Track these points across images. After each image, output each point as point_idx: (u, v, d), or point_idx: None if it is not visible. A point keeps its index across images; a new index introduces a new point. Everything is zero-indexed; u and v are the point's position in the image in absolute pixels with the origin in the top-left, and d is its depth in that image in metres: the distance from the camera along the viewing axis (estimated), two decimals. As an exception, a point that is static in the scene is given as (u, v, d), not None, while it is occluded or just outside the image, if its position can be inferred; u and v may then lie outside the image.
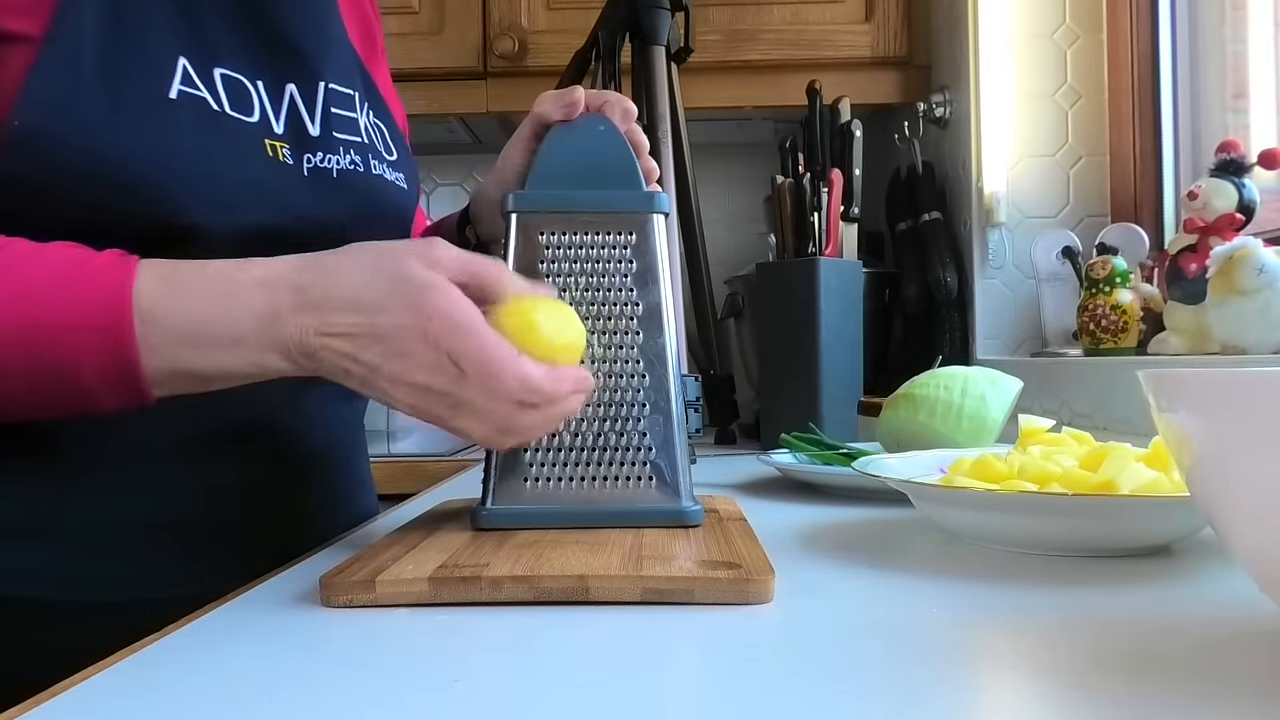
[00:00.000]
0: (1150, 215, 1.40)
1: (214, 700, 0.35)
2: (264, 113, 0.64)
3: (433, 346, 0.49)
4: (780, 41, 1.60)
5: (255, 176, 0.61)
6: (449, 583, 0.46)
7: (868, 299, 1.23)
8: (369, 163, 0.70)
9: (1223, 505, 0.36)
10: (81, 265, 0.50)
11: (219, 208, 0.58)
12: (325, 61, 0.70)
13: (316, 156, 0.66)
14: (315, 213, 0.64)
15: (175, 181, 0.56)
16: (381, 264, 0.51)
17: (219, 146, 0.59)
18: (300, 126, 0.66)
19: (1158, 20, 1.39)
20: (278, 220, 0.61)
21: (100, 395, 0.51)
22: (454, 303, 0.50)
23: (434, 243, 0.52)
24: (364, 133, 0.72)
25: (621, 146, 0.62)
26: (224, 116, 0.60)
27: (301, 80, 0.67)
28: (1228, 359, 0.97)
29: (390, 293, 0.50)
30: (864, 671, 0.36)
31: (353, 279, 0.51)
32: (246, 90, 0.63)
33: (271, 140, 0.63)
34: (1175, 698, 0.33)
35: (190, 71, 0.59)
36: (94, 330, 0.49)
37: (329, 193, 0.66)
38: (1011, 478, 0.57)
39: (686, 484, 0.59)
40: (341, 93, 0.71)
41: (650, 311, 0.60)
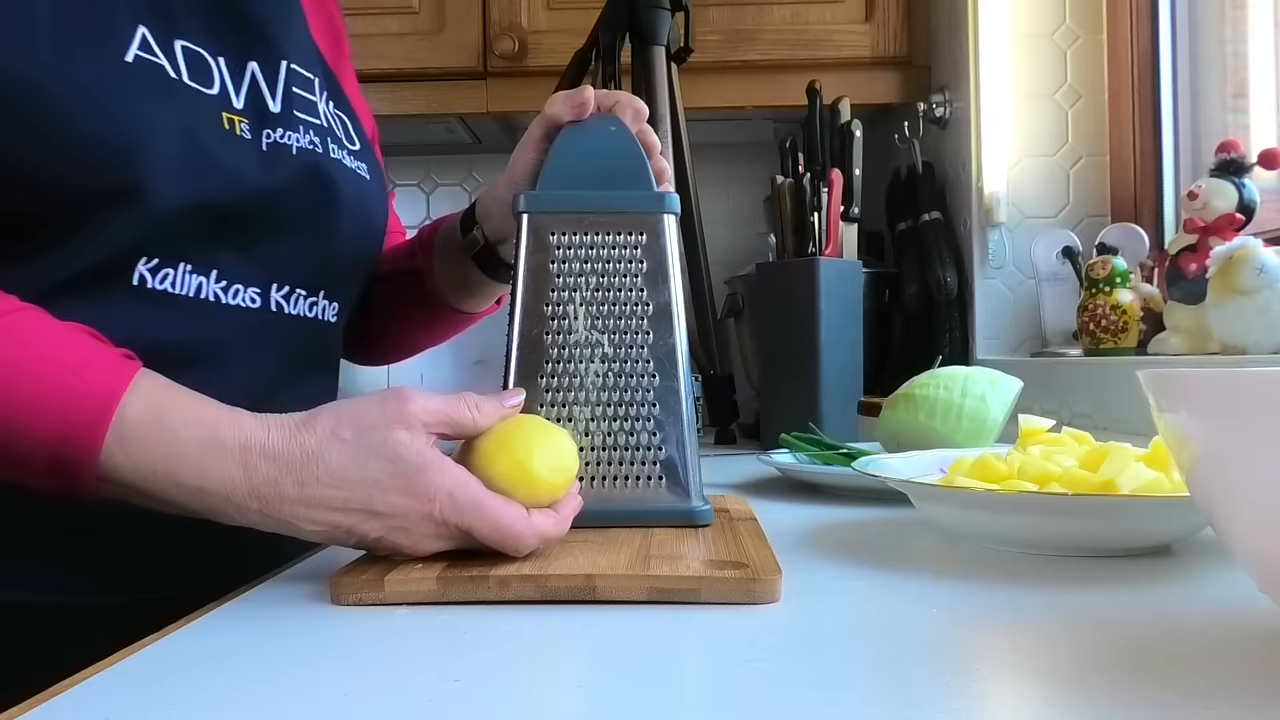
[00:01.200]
0: (1150, 215, 1.41)
1: (216, 699, 0.35)
2: (224, 86, 0.64)
3: (440, 524, 0.50)
4: (780, 41, 1.60)
5: (208, 146, 0.61)
6: (457, 581, 0.46)
7: (868, 299, 1.24)
8: (327, 145, 0.70)
9: (1223, 505, 0.36)
10: (83, 367, 0.50)
11: (168, 174, 0.58)
12: (287, 42, 0.70)
13: (276, 132, 0.66)
14: (269, 188, 0.64)
15: (124, 140, 0.56)
16: (367, 441, 0.49)
17: (172, 112, 0.59)
18: (261, 103, 0.66)
19: (1158, 20, 1.40)
20: (229, 192, 0.61)
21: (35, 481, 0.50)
22: (452, 479, 0.50)
23: (404, 397, 0.51)
24: (324, 117, 0.72)
25: (632, 147, 0.62)
26: (180, 84, 0.61)
27: (263, 59, 0.67)
28: (1228, 359, 0.97)
29: (384, 473, 0.49)
30: (867, 671, 0.36)
31: (341, 460, 0.49)
32: (207, 64, 0.63)
33: (230, 114, 0.63)
34: (1175, 698, 0.33)
35: (150, 40, 0.60)
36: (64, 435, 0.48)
37: (286, 169, 0.66)
38: (1011, 478, 0.57)
39: (696, 483, 0.59)
40: (302, 75, 0.71)
41: (660, 311, 0.60)
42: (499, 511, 0.50)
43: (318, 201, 0.68)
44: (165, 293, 0.60)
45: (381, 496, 0.49)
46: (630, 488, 0.59)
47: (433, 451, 0.50)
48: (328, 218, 0.69)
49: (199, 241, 0.61)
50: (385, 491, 0.49)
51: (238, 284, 0.64)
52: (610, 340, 0.60)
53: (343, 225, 0.70)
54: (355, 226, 0.72)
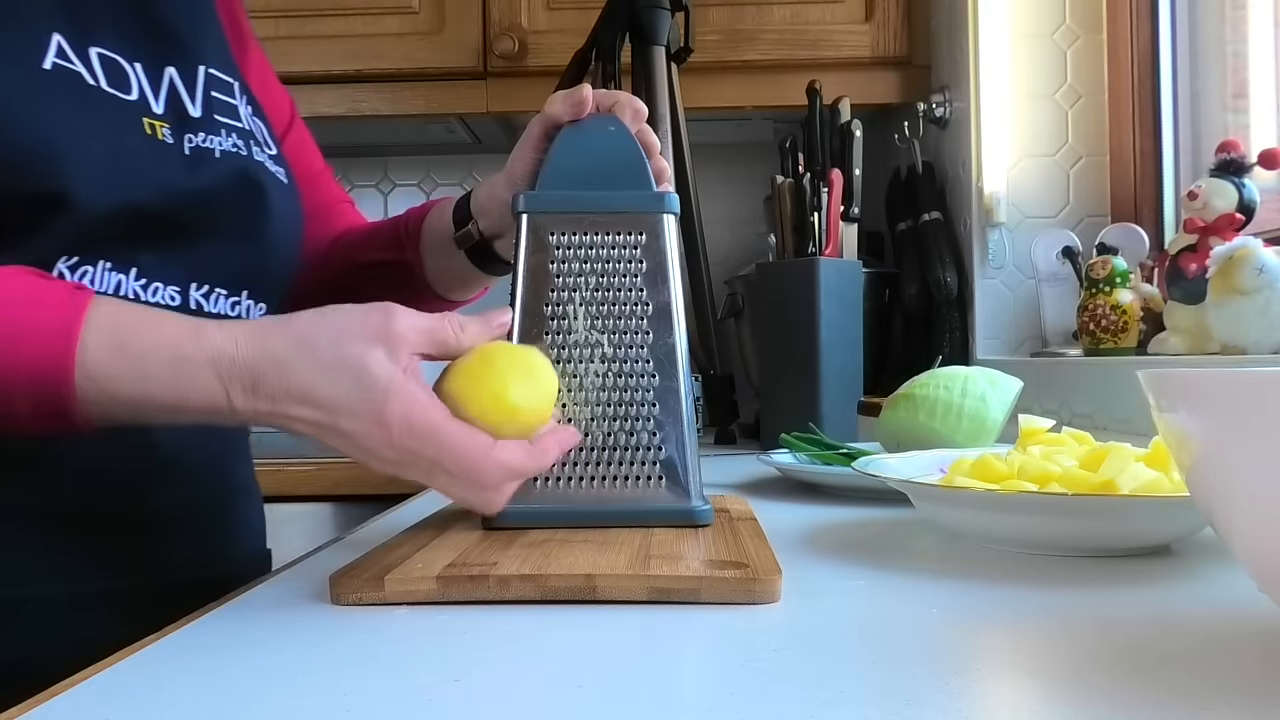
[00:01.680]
0: (1150, 215, 1.41)
1: (216, 699, 0.35)
2: (142, 92, 0.64)
3: (401, 450, 0.49)
4: (780, 41, 1.60)
5: (131, 152, 0.61)
6: (457, 581, 0.46)
7: (868, 299, 1.24)
8: (250, 148, 0.70)
9: (1223, 505, 0.36)
10: (33, 305, 0.49)
11: (92, 180, 0.58)
12: (203, 47, 0.70)
13: (198, 136, 0.66)
14: (196, 191, 0.64)
15: (47, 149, 0.56)
16: (338, 355, 0.49)
17: (93, 119, 0.59)
18: (180, 107, 0.66)
19: (1158, 20, 1.40)
20: (155, 197, 0.61)
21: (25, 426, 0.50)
22: (413, 406, 0.49)
23: (393, 315, 0.51)
24: (245, 120, 0.72)
25: (632, 147, 0.62)
26: (99, 91, 0.61)
27: (181, 63, 0.67)
28: (1228, 359, 0.97)
29: (351, 394, 0.49)
30: (867, 671, 0.36)
31: (308, 372, 0.49)
32: (124, 70, 0.63)
33: (150, 119, 0.63)
34: (1176, 697, 0.33)
35: (65, 47, 0.60)
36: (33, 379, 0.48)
37: (211, 172, 0.65)
38: (1011, 478, 0.57)
39: (696, 483, 0.59)
40: (221, 79, 0.71)
41: (660, 311, 0.60)
42: (458, 441, 0.49)
43: (245, 204, 0.68)
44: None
45: (347, 419, 0.49)
46: (630, 487, 0.59)
47: (403, 376, 0.49)
48: (254, 220, 0.69)
49: (121, 243, 0.61)
50: (350, 415, 0.49)
51: (157, 283, 0.63)
52: (610, 340, 0.60)
53: (268, 227, 0.70)
54: (280, 229, 0.72)
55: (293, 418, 0.50)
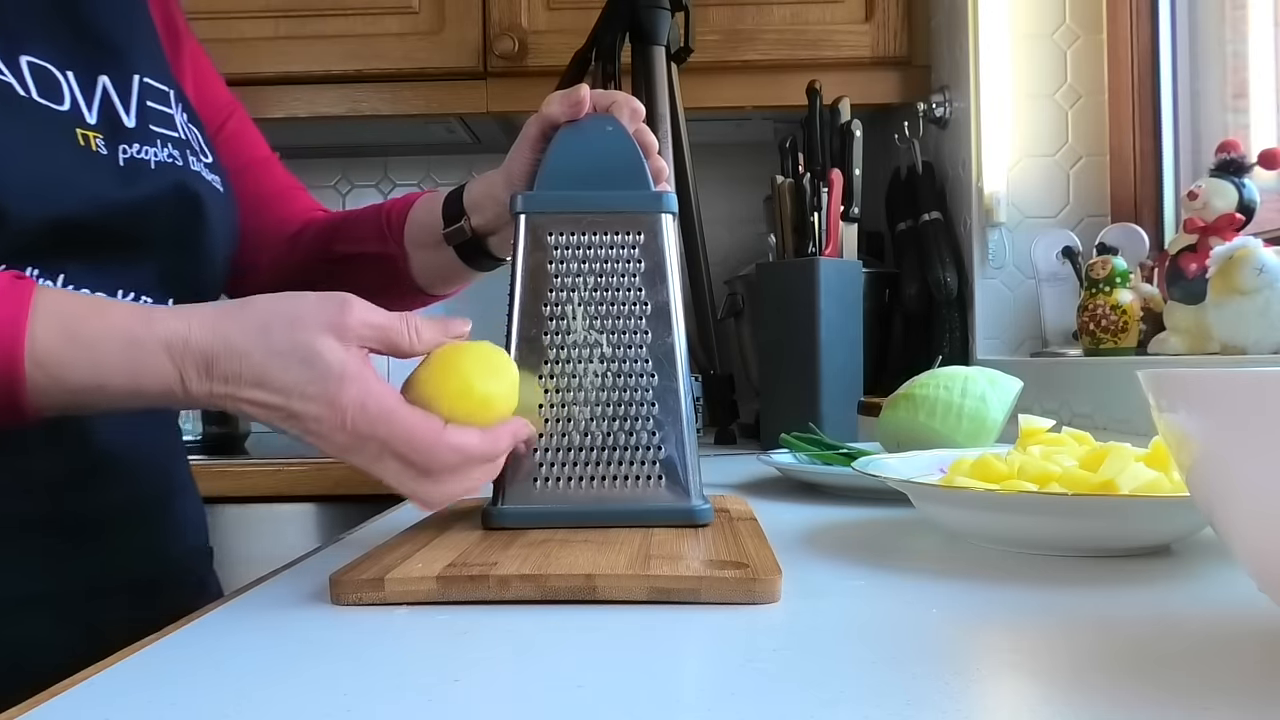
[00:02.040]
0: (1150, 215, 1.41)
1: (216, 699, 0.35)
2: (75, 102, 0.63)
3: (354, 434, 0.50)
4: (780, 41, 1.60)
5: (63, 164, 0.60)
6: (457, 581, 0.46)
7: (868, 299, 1.24)
8: (186, 158, 0.70)
9: (1223, 505, 0.36)
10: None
11: (22, 193, 0.57)
12: (137, 55, 0.69)
13: (133, 147, 0.65)
14: (130, 203, 0.63)
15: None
16: (292, 342, 0.50)
17: (23, 132, 0.59)
18: (114, 117, 0.65)
19: (1158, 20, 1.40)
20: (86, 209, 0.61)
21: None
22: (367, 392, 0.49)
23: (347, 307, 0.51)
24: (181, 129, 0.71)
25: (629, 146, 0.62)
26: (29, 103, 0.60)
27: (114, 73, 0.67)
28: (1228, 359, 0.97)
29: (303, 378, 0.49)
30: (867, 671, 0.36)
31: (262, 356, 0.50)
32: (56, 80, 0.62)
33: (83, 130, 0.63)
34: (1176, 697, 0.33)
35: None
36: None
37: (146, 184, 0.65)
38: (1011, 478, 0.57)
39: (696, 483, 0.59)
40: (156, 88, 0.70)
41: (659, 311, 0.60)
42: (412, 422, 0.50)
43: (182, 215, 0.67)
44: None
45: (300, 403, 0.49)
46: (630, 487, 0.59)
47: (356, 362, 0.50)
48: (189, 230, 0.68)
49: (50, 252, 0.60)
50: (303, 398, 0.49)
51: (85, 289, 0.62)
52: (609, 340, 0.60)
53: (204, 237, 0.69)
54: (215, 238, 0.71)
55: (246, 400, 0.50)
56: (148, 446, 0.72)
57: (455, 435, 0.51)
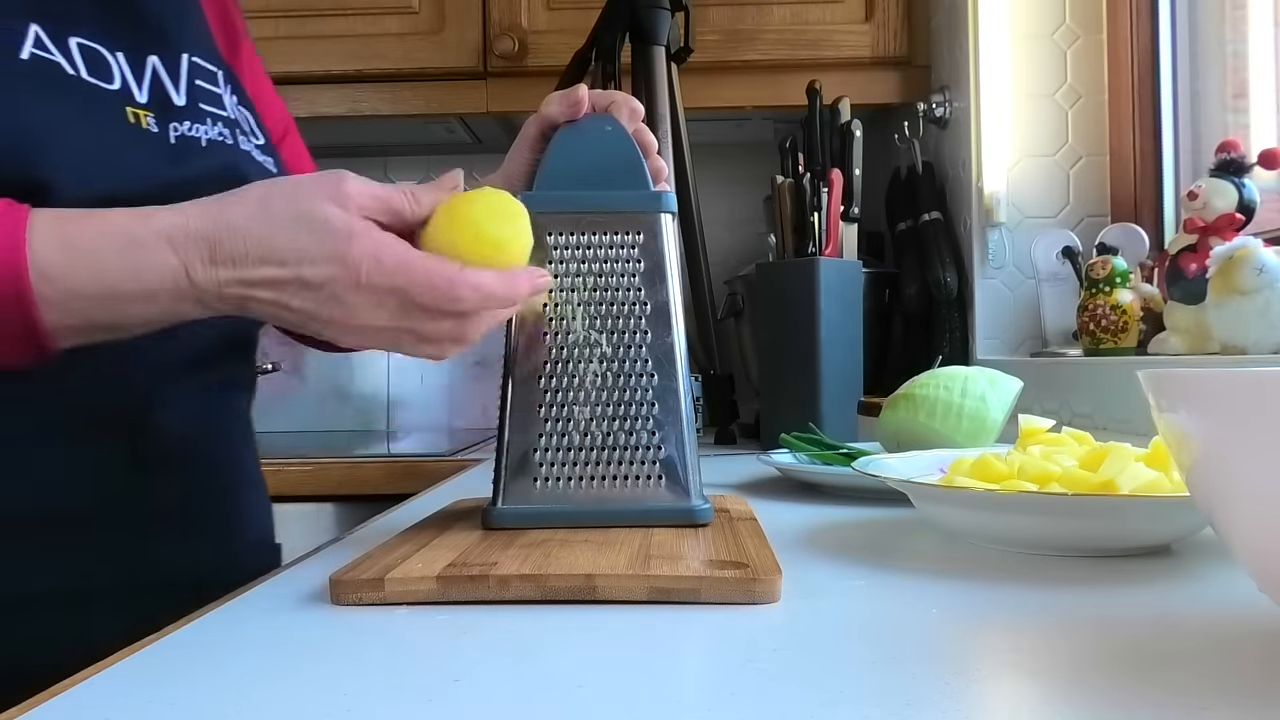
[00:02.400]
0: (1150, 215, 1.41)
1: (216, 699, 0.35)
2: (125, 81, 0.63)
3: (370, 291, 0.49)
4: (780, 41, 1.60)
5: (113, 141, 0.60)
6: (457, 581, 0.46)
7: (868, 299, 1.24)
8: (236, 137, 0.70)
9: (1223, 505, 0.36)
10: None
11: (73, 169, 0.57)
12: (185, 36, 0.70)
13: (184, 125, 0.65)
14: (181, 181, 0.63)
15: (27, 139, 0.56)
16: (295, 210, 0.49)
17: (74, 109, 0.59)
18: (164, 96, 0.66)
19: (1158, 20, 1.40)
20: (138, 186, 0.60)
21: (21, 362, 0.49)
22: (379, 244, 0.49)
23: (342, 177, 0.50)
24: (230, 109, 0.71)
25: (628, 146, 0.62)
26: (79, 81, 0.60)
27: (163, 53, 0.67)
28: (1228, 359, 0.97)
29: (311, 242, 0.49)
30: (867, 671, 0.36)
31: (266, 229, 0.49)
32: (105, 60, 0.63)
33: (134, 108, 0.63)
34: (1175, 697, 0.33)
35: (43, 37, 0.59)
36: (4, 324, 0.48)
37: (197, 161, 0.65)
38: (1011, 478, 0.57)
39: (696, 482, 0.59)
40: (205, 68, 0.70)
41: (658, 310, 0.60)
42: (429, 266, 0.49)
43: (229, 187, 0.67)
44: None
45: (311, 268, 0.49)
46: (630, 487, 0.59)
47: (362, 221, 0.49)
48: None
49: None
50: (314, 262, 0.49)
51: None
52: (608, 340, 0.60)
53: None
54: None
55: (255, 281, 0.49)
56: (212, 437, 0.72)
57: (474, 275, 0.50)
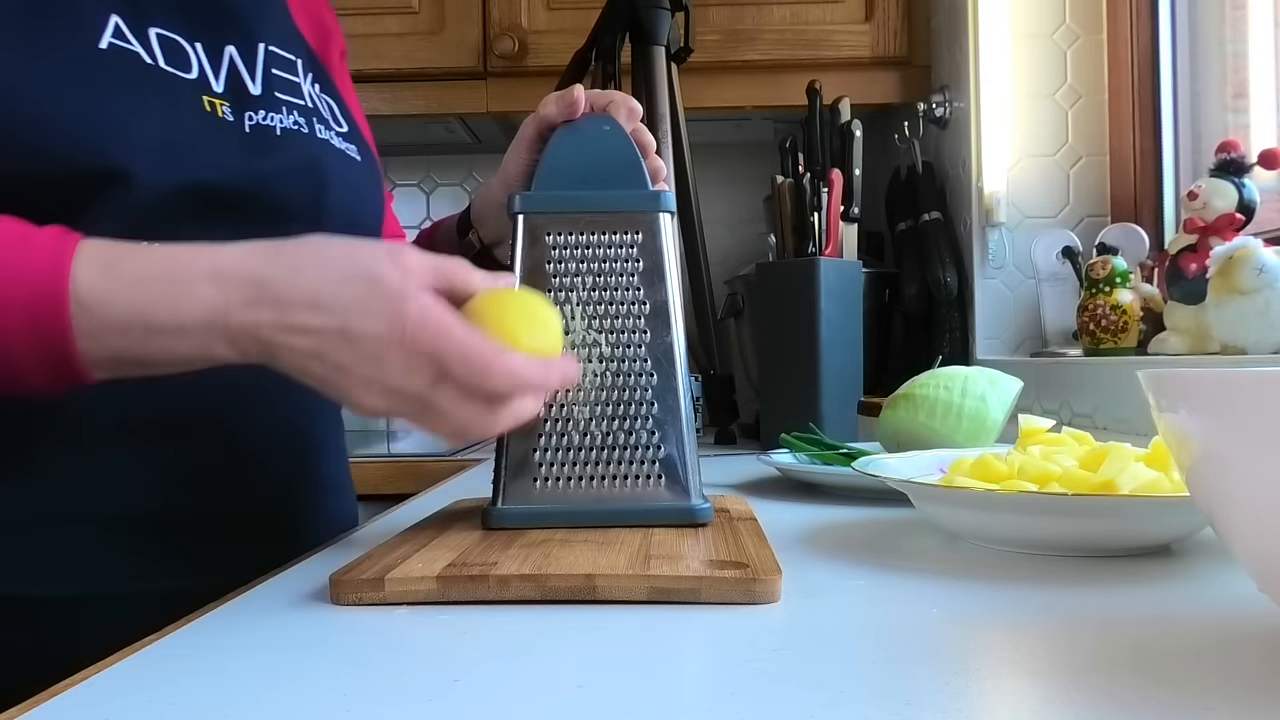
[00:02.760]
0: (1150, 215, 1.41)
1: (216, 699, 0.35)
2: (202, 70, 0.64)
3: (410, 353, 0.48)
4: (780, 41, 1.60)
5: (189, 130, 0.61)
6: (457, 581, 0.46)
7: (868, 299, 1.24)
8: (314, 125, 0.70)
9: (1223, 505, 0.36)
10: (21, 243, 0.48)
11: (150, 157, 0.57)
12: (263, 24, 0.70)
13: (259, 114, 0.66)
14: (256, 170, 0.64)
15: (104, 127, 0.56)
16: (353, 264, 0.49)
17: (151, 98, 0.59)
18: (240, 85, 0.66)
19: (1158, 20, 1.40)
20: (214, 175, 0.61)
21: (30, 377, 0.49)
22: (430, 308, 0.48)
23: (404, 249, 0.51)
24: (308, 98, 0.72)
25: (627, 146, 0.62)
26: (157, 70, 0.61)
27: (240, 42, 0.68)
28: (1228, 359, 0.97)
29: (364, 297, 0.48)
30: (867, 671, 0.36)
31: (319, 276, 0.49)
32: (183, 49, 0.63)
33: (210, 97, 0.63)
34: (1176, 697, 0.33)
35: (122, 27, 0.60)
36: (26, 313, 0.47)
37: (271, 150, 0.65)
38: (1011, 478, 0.57)
39: (696, 482, 0.59)
40: (283, 56, 0.71)
41: (657, 310, 0.60)
42: (469, 340, 0.48)
43: (307, 182, 0.67)
44: None
45: (357, 320, 0.48)
46: (630, 487, 0.59)
47: (417, 287, 0.49)
48: (317, 198, 0.68)
49: (193, 224, 0.60)
50: (362, 315, 0.48)
51: None
52: (608, 340, 0.60)
53: (333, 203, 0.69)
54: (346, 206, 0.71)
55: (295, 328, 0.48)
56: (293, 439, 0.71)
57: (512, 359, 0.49)
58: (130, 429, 0.61)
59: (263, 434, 0.68)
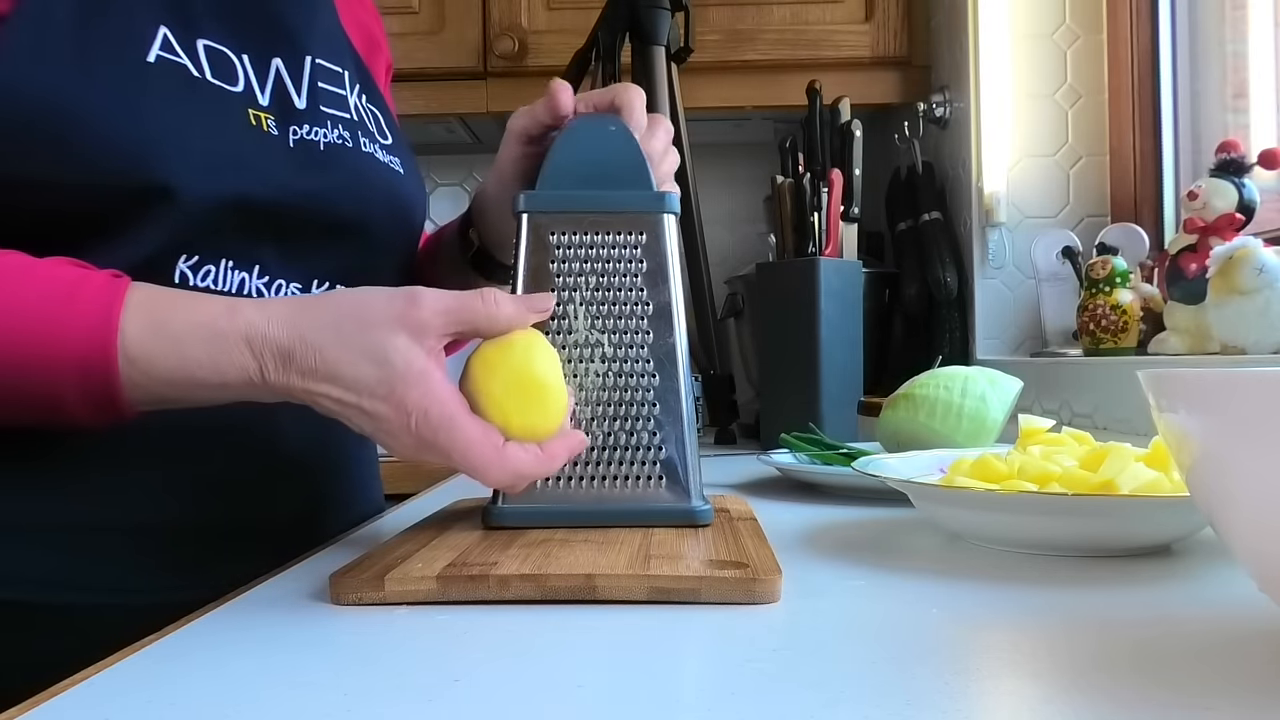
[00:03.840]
0: (1150, 215, 1.41)
1: (216, 699, 0.35)
2: (248, 83, 0.64)
3: (417, 437, 0.51)
4: (780, 41, 1.60)
5: (235, 143, 0.61)
6: (457, 581, 0.46)
7: (868, 299, 1.24)
8: (358, 139, 0.70)
9: (1223, 505, 0.36)
10: (71, 292, 0.51)
11: (195, 171, 0.58)
12: (311, 37, 0.70)
13: (303, 129, 0.66)
14: (299, 184, 0.64)
15: (148, 140, 0.56)
16: (367, 339, 0.51)
17: (197, 111, 0.59)
18: (286, 99, 0.66)
19: (1158, 20, 1.40)
20: (258, 189, 0.61)
21: (78, 418, 0.52)
22: (430, 399, 0.50)
23: (417, 300, 0.52)
24: (353, 110, 0.71)
25: (632, 146, 0.62)
26: (204, 83, 0.61)
27: (287, 55, 0.67)
28: (1228, 359, 0.97)
29: (376, 380, 0.50)
30: (867, 671, 0.36)
31: (336, 353, 0.51)
32: (230, 62, 0.63)
33: (255, 110, 0.63)
34: (1176, 697, 0.33)
35: (171, 40, 0.60)
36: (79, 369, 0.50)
37: (315, 165, 0.65)
38: (1011, 478, 0.57)
39: (696, 483, 0.59)
40: (329, 69, 0.71)
41: (660, 311, 0.60)
42: (470, 438, 0.51)
43: (350, 196, 0.67)
44: (208, 289, 0.60)
45: (370, 401, 0.51)
46: (630, 487, 0.59)
47: (421, 366, 0.51)
48: (361, 211, 0.68)
49: (237, 239, 0.61)
50: (373, 398, 0.51)
51: (280, 279, 0.64)
52: (610, 340, 0.60)
53: (377, 219, 0.70)
54: (390, 220, 0.71)
55: (322, 395, 0.51)
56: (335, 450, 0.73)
57: (511, 456, 0.52)
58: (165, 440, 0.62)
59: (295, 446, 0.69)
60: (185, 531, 0.63)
